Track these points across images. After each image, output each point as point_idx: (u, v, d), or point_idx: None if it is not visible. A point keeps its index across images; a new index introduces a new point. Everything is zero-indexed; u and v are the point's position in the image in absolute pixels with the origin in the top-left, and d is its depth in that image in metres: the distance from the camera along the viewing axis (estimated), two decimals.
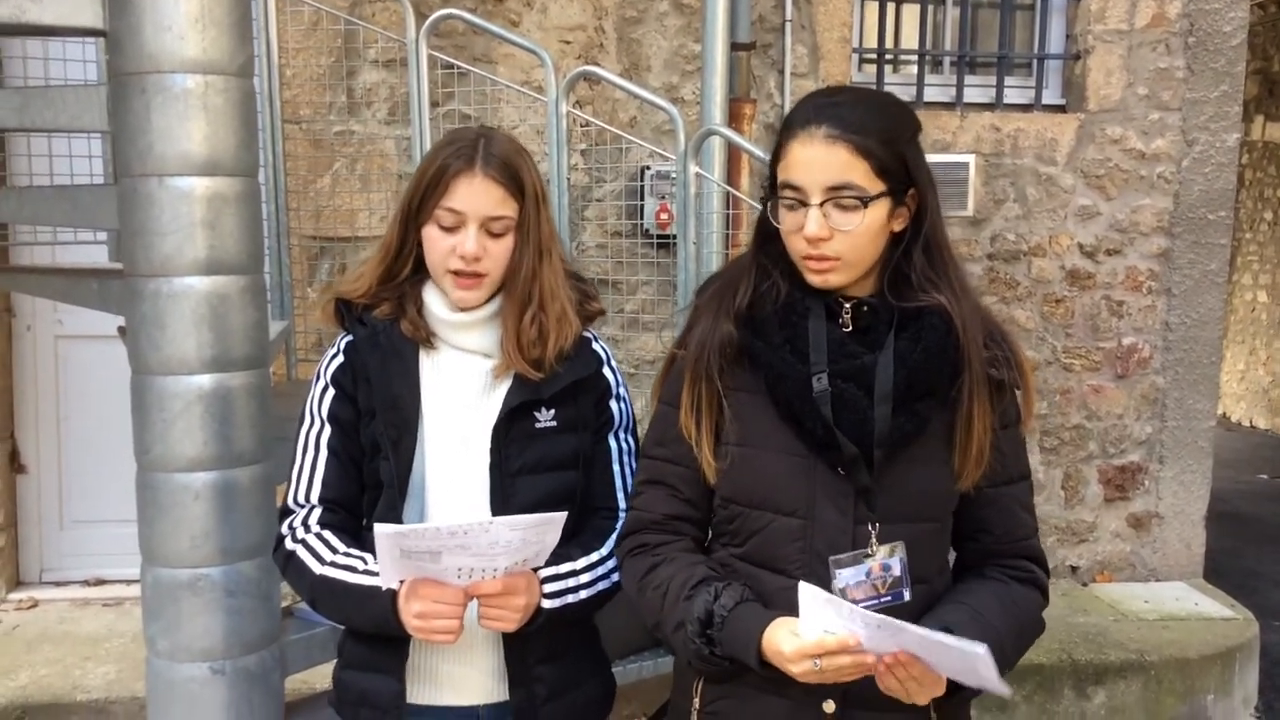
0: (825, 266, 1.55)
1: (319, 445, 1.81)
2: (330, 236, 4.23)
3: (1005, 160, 4.62)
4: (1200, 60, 4.65)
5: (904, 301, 1.58)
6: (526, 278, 1.77)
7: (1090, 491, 4.83)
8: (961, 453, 1.57)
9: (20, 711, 3.55)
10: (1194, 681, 4.06)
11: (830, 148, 1.51)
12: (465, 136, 1.77)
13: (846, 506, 1.56)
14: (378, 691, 1.79)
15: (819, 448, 1.55)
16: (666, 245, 4.28)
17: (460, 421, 1.78)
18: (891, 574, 1.55)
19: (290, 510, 1.81)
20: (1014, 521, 1.67)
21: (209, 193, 2.17)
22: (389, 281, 1.81)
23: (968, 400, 1.56)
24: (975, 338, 1.56)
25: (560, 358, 1.78)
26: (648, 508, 1.70)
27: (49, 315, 4.42)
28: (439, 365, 1.81)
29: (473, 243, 1.72)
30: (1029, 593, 1.66)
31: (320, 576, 1.72)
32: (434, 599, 1.61)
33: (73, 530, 4.52)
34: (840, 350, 1.56)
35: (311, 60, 4.17)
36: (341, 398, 1.80)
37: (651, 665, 2.93)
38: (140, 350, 2.22)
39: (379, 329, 1.79)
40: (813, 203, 1.52)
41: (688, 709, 1.69)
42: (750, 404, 1.60)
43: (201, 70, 2.14)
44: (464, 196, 1.72)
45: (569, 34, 4.31)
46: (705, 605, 1.54)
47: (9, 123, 2.51)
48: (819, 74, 4.46)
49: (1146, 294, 4.75)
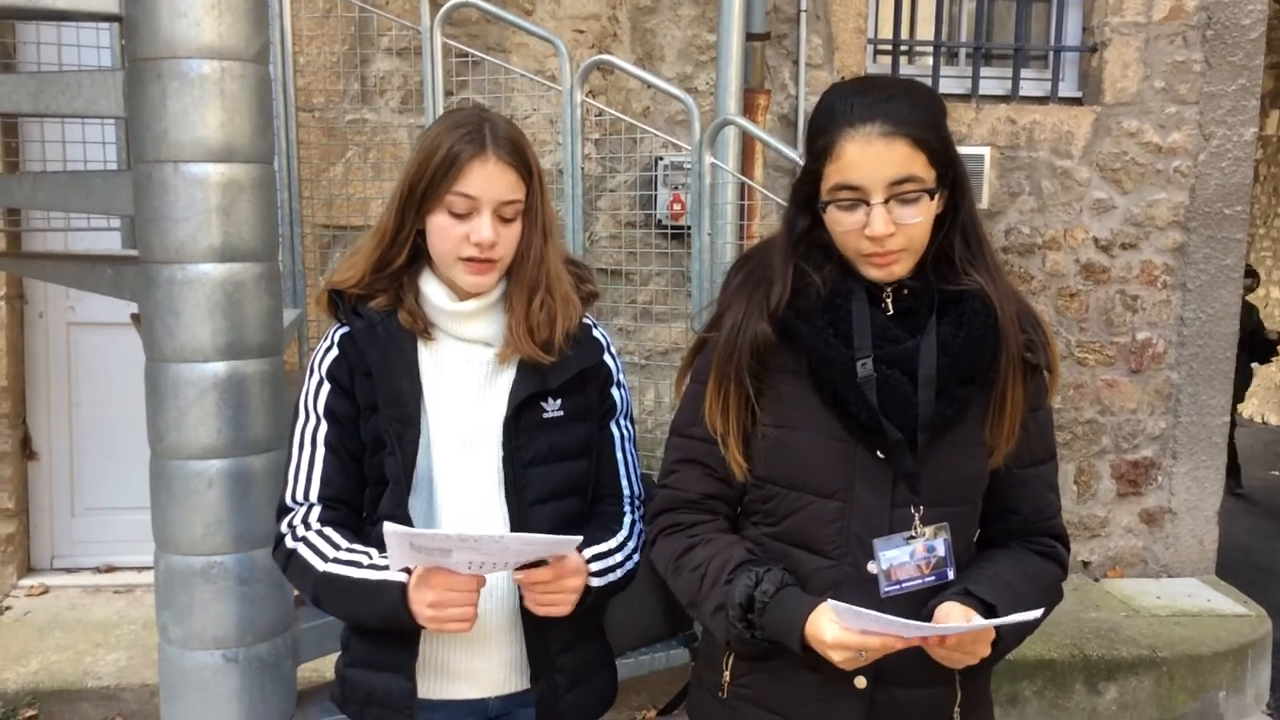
0: (890, 260, 1.55)
1: (315, 442, 1.75)
2: (342, 225, 4.22)
3: (1020, 153, 4.59)
4: (1218, 53, 4.62)
5: (944, 283, 1.59)
6: (535, 261, 1.74)
7: (1103, 487, 4.82)
8: (995, 434, 1.59)
9: (31, 697, 3.56)
10: (1206, 678, 4.05)
11: (890, 144, 1.50)
12: (469, 120, 1.72)
13: (885, 490, 1.57)
14: (387, 690, 1.76)
15: (861, 432, 1.56)
16: (679, 236, 4.27)
17: (466, 414, 1.75)
18: (936, 554, 1.57)
19: (288, 508, 1.76)
20: (1041, 501, 1.69)
21: (224, 179, 2.17)
22: (382, 270, 1.75)
23: (1004, 384, 1.57)
24: (1012, 321, 1.58)
25: (569, 341, 1.76)
26: (683, 486, 1.69)
27: (61, 302, 4.42)
28: (439, 357, 1.76)
29: (489, 229, 1.67)
30: (1048, 565, 1.68)
31: (324, 573, 1.68)
32: (447, 587, 1.59)
33: (84, 517, 4.53)
34: (883, 335, 1.56)
35: (325, 48, 4.16)
36: (338, 392, 1.75)
37: (664, 658, 2.93)
38: (155, 337, 2.22)
39: (376, 321, 1.74)
40: (876, 201, 1.51)
41: (717, 683, 1.70)
42: (791, 386, 1.60)
43: (217, 56, 2.13)
44: (477, 182, 1.67)
45: (583, 23, 4.29)
46: (746, 590, 1.55)
47: (24, 107, 2.51)
48: (834, 65, 4.44)
49: (1161, 289, 4.73)
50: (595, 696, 1.88)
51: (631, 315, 4.31)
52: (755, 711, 1.67)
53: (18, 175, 3.69)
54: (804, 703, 1.62)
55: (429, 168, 1.68)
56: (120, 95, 2.25)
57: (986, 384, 1.58)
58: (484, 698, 1.79)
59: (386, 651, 1.76)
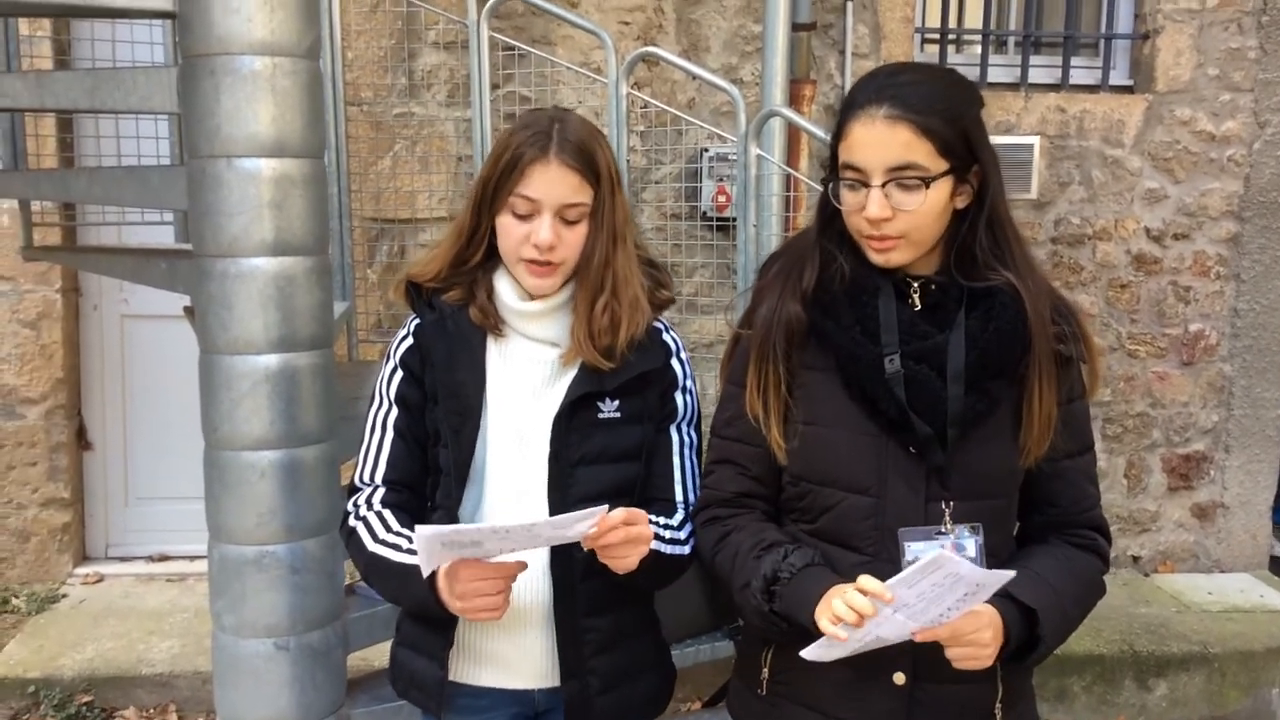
0: (887, 246, 1.55)
1: (385, 426, 1.81)
2: (390, 219, 4.25)
3: (1070, 142, 4.53)
4: (1274, 40, 4.53)
5: (970, 279, 1.57)
6: (600, 265, 1.74)
7: (1153, 480, 4.75)
8: (1026, 430, 1.58)
9: (86, 684, 3.63)
10: (1258, 674, 3.99)
11: (892, 128, 1.49)
12: (539, 121, 1.73)
13: (918, 485, 1.56)
14: (423, 674, 1.81)
15: (891, 427, 1.56)
16: (724, 228, 4.25)
17: (523, 411, 1.76)
18: (965, 554, 1.54)
19: (357, 488, 1.82)
20: (1080, 493, 1.68)
21: (276, 174, 2.18)
22: (461, 266, 1.79)
23: (1035, 378, 1.56)
24: (1043, 315, 1.57)
25: (632, 346, 1.75)
26: (718, 486, 1.71)
27: (115, 295, 4.49)
28: (506, 354, 1.79)
29: (548, 231, 1.69)
30: (1088, 558, 1.67)
31: (371, 554, 1.73)
32: (476, 577, 1.61)
33: (137, 507, 4.60)
34: (911, 330, 1.56)
35: (373, 42, 4.19)
36: (409, 380, 1.80)
37: (709, 650, 2.93)
38: (208, 330, 2.25)
39: (447, 314, 1.78)
40: (874, 184, 1.51)
41: (757, 677, 1.71)
42: (820, 383, 1.60)
43: (269, 52, 2.14)
44: (538, 184, 1.69)
45: (628, 15, 4.29)
46: (774, 564, 1.56)
47: (81, 104, 2.54)
48: (880, 54, 4.40)
49: (1214, 279, 4.65)
50: (638, 700, 1.86)
51: (676, 307, 4.28)
52: (794, 708, 1.67)
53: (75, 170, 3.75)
54: (843, 699, 1.61)
55: (498, 168, 1.71)
56: (174, 91, 2.27)
57: (1017, 378, 1.57)
58: (528, 689, 1.80)
59: (426, 635, 1.81)
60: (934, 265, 1.60)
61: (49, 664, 3.68)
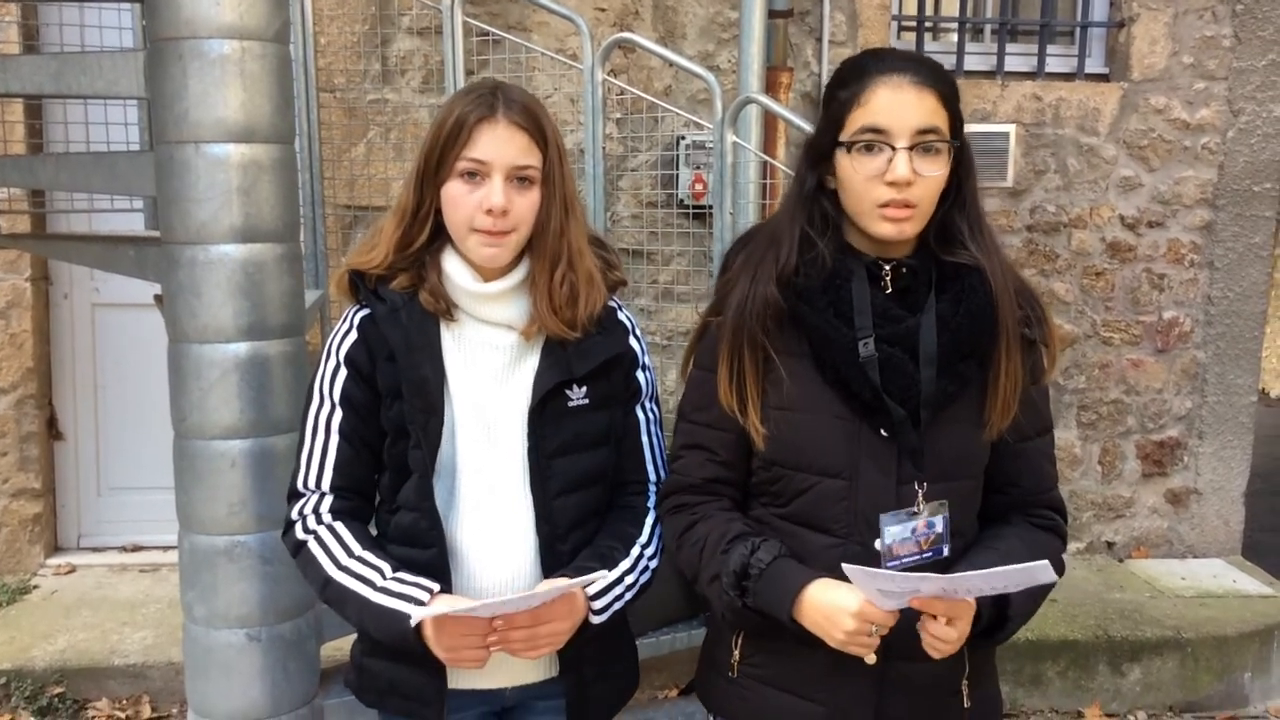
0: (905, 214, 1.55)
1: (330, 428, 1.71)
2: (364, 205, 4.22)
3: (1046, 130, 4.54)
4: (1248, 28, 4.55)
5: (945, 255, 1.61)
6: (555, 233, 1.69)
7: (1128, 467, 4.78)
8: (991, 404, 1.61)
9: (59, 675, 3.60)
10: (1231, 659, 4.02)
11: (921, 94, 1.53)
12: (480, 87, 1.68)
13: (890, 467, 1.58)
14: (410, 683, 1.74)
15: (865, 411, 1.57)
16: (701, 216, 4.25)
17: (488, 401, 1.70)
18: (934, 531, 1.59)
19: (300, 494, 1.74)
20: (1040, 474, 1.72)
21: (245, 160, 2.16)
22: (405, 250, 1.70)
23: (1002, 358, 1.59)
24: (1010, 297, 1.60)
25: (591, 322, 1.71)
26: (686, 472, 1.72)
27: (85, 283, 4.45)
28: (462, 340, 1.71)
29: (499, 194, 1.61)
30: (1050, 538, 1.71)
31: (334, 581, 1.65)
32: (463, 633, 1.59)
33: (110, 497, 4.57)
34: (884, 314, 1.57)
35: (346, 28, 4.15)
36: (355, 378, 1.70)
37: (685, 637, 2.92)
38: (177, 318, 2.23)
39: (399, 304, 1.68)
40: (900, 145, 1.52)
41: (726, 662, 1.72)
42: (794, 367, 1.61)
43: (238, 36, 2.12)
44: (487, 144, 1.62)
45: (604, 1, 4.27)
46: (742, 558, 1.58)
47: (46, 88, 2.51)
48: (858, 41, 4.39)
49: (1188, 267, 4.68)
50: (620, 686, 1.88)
51: (653, 295, 4.30)
52: (765, 690, 1.68)
53: (41, 156, 3.70)
54: (814, 680, 1.63)
55: (442, 134, 1.64)
56: (141, 76, 2.25)
57: (986, 359, 1.59)
58: (500, 688, 1.78)
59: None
60: (907, 248, 1.62)
61: (20, 655, 3.65)
